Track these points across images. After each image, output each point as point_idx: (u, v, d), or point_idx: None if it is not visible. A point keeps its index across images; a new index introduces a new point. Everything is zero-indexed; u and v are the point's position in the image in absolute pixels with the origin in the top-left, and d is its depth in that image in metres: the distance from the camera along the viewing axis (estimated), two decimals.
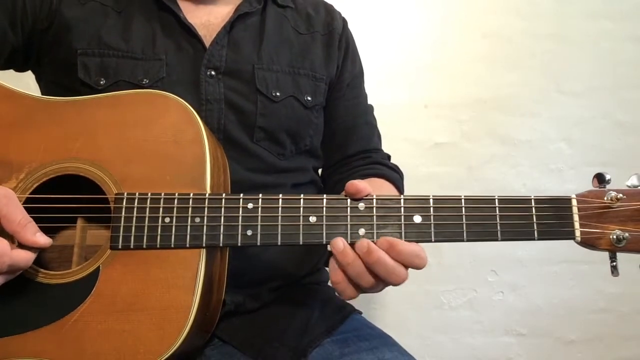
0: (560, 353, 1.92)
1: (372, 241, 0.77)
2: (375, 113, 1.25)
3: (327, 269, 1.16)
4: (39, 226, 0.79)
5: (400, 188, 1.12)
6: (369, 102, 1.26)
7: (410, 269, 0.77)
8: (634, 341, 1.94)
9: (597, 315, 1.92)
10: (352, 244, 0.77)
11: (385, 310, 1.86)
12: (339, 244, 0.76)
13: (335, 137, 1.18)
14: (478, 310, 1.90)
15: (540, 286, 1.90)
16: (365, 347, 0.93)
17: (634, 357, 1.94)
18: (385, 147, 1.23)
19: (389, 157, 1.20)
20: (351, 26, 1.24)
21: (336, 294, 0.81)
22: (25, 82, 1.09)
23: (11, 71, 1.10)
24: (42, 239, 0.77)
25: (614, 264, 0.77)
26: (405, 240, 0.77)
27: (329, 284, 1.15)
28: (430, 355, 1.89)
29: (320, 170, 1.23)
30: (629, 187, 0.77)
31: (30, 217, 0.78)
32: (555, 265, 1.90)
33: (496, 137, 1.87)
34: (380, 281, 0.77)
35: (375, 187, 0.82)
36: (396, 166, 1.17)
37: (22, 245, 0.76)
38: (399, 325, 1.85)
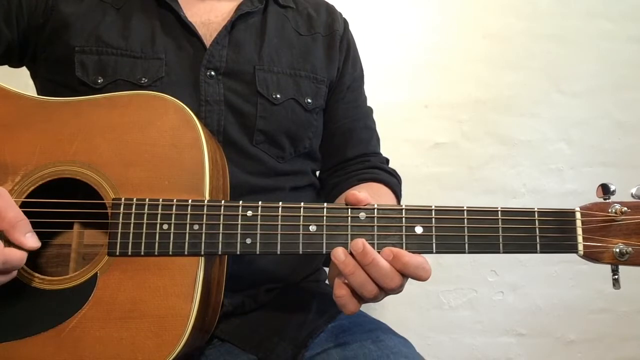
0: (560, 353, 1.92)
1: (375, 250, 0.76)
2: (376, 113, 1.24)
3: (325, 269, 1.16)
4: (35, 231, 0.78)
5: (398, 193, 1.12)
6: (369, 103, 1.25)
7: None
8: (634, 341, 1.94)
9: (597, 315, 1.92)
10: (352, 254, 0.76)
11: (385, 310, 1.85)
12: (340, 254, 0.75)
13: (334, 140, 1.17)
14: (478, 310, 1.89)
15: (540, 286, 1.90)
16: (361, 331, 0.93)
17: (634, 357, 1.94)
18: (386, 147, 1.23)
19: (387, 161, 1.19)
20: (351, 26, 1.24)
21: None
22: (25, 82, 1.08)
23: (12, 71, 1.09)
24: (31, 241, 0.76)
25: (616, 277, 0.76)
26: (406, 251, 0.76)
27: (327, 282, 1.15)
28: (430, 355, 1.87)
29: (317, 173, 1.22)
30: (633, 196, 0.76)
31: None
32: (555, 265, 1.89)
33: (496, 137, 1.86)
34: (382, 291, 0.76)
35: (372, 192, 0.81)
36: (394, 171, 1.16)
37: (13, 245, 0.75)
38: (399, 325, 1.81)
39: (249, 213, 0.79)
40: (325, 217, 0.78)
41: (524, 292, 1.90)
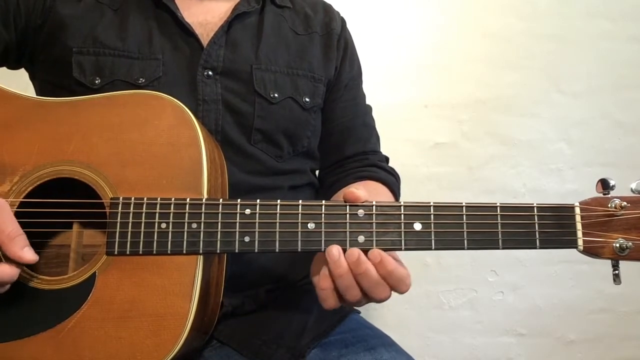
0: (560, 353, 1.92)
1: (363, 250, 0.76)
2: (376, 113, 1.24)
3: None
4: (33, 231, 0.78)
5: (396, 192, 1.11)
6: (369, 102, 1.25)
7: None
8: (634, 341, 1.94)
9: (597, 315, 1.92)
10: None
11: (385, 310, 1.85)
12: (335, 253, 0.75)
13: (332, 139, 1.17)
14: (478, 310, 1.89)
15: (540, 286, 1.90)
16: (363, 348, 0.92)
17: (634, 357, 1.94)
18: (386, 147, 1.22)
19: (387, 159, 1.19)
20: (351, 26, 1.24)
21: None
22: (26, 82, 1.08)
23: (12, 71, 1.09)
24: (29, 255, 0.75)
25: (617, 272, 0.76)
26: (404, 249, 0.77)
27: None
28: (430, 355, 1.88)
29: (317, 172, 1.22)
30: (633, 191, 0.75)
31: (25, 221, 0.77)
32: (555, 265, 1.89)
33: (496, 137, 1.86)
34: (364, 296, 0.77)
35: (370, 191, 0.81)
36: (393, 169, 1.16)
37: (8, 260, 0.75)
38: (399, 325, 1.85)
39: (247, 211, 0.79)
40: (323, 215, 0.78)
41: (524, 292, 1.89)
